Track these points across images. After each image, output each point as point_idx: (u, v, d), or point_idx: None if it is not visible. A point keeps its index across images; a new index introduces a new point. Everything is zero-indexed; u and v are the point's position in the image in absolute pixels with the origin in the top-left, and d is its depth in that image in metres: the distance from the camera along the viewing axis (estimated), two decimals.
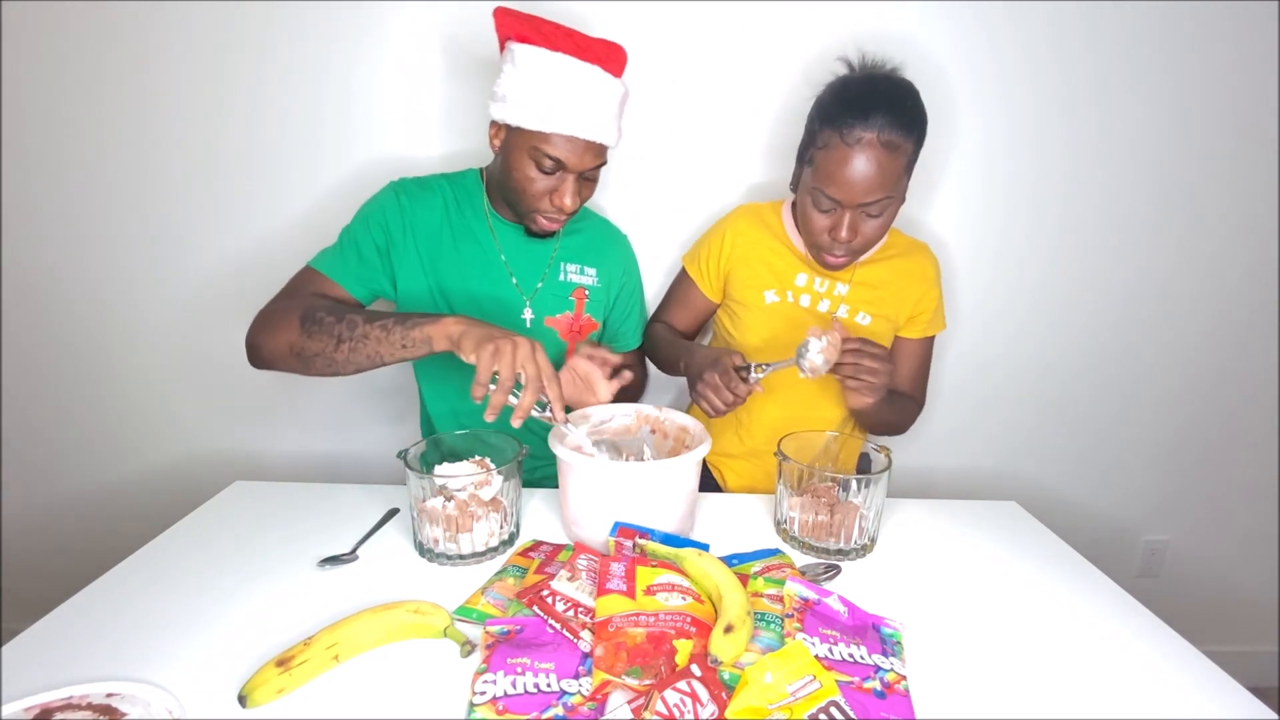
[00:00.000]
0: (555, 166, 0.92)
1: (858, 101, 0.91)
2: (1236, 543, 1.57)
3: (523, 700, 0.56)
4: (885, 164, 0.90)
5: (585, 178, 0.96)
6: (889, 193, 0.92)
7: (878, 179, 0.91)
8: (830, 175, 0.93)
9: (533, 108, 0.89)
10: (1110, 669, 0.67)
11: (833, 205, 0.95)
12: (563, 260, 1.09)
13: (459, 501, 0.78)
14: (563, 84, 0.88)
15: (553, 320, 1.08)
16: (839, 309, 1.09)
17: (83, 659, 0.62)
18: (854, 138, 0.90)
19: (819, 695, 0.56)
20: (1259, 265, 1.38)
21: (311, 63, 1.20)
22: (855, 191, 0.91)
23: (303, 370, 0.89)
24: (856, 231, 0.95)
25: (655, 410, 0.96)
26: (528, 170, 0.93)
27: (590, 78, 0.90)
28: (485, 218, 1.05)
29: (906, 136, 0.91)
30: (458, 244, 1.03)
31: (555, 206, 0.95)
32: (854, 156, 0.90)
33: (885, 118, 0.89)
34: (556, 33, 0.89)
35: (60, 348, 1.33)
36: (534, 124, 0.89)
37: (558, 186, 0.94)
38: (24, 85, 1.19)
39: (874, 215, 0.95)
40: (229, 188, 1.26)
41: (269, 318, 0.91)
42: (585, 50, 0.90)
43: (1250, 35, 1.24)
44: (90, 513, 1.43)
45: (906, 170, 0.94)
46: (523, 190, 0.95)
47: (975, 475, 1.50)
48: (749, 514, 0.95)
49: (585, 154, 0.92)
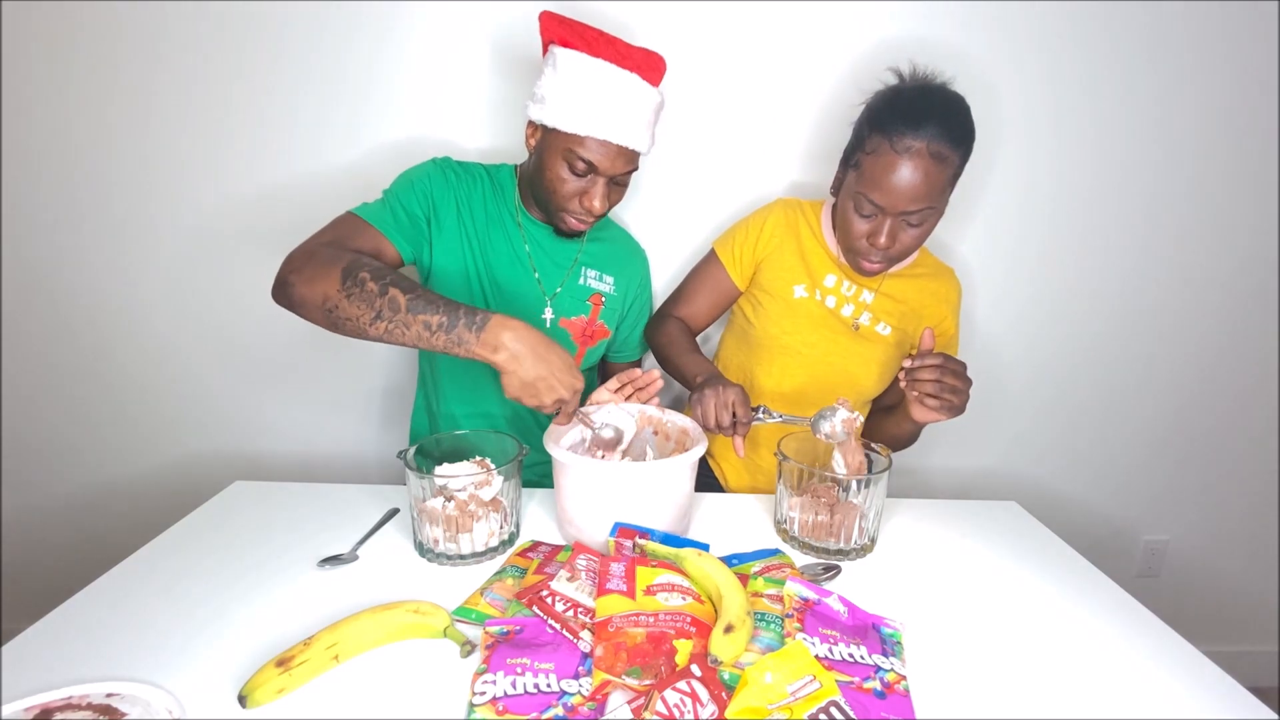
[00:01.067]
0: (587, 169, 0.94)
1: (910, 110, 0.92)
2: (1236, 542, 1.57)
3: (523, 700, 0.56)
4: (932, 174, 0.90)
5: (615, 182, 0.98)
6: (932, 203, 0.93)
7: (923, 188, 0.91)
8: (876, 181, 0.93)
9: (570, 110, 0.90)
10: (1110, 669, 0.67)
11: (875, 211, 0.95)
12: (584, 265, 1.11)
13: (459, 502, 0.78)
14: (600, 89, 0.90)
15: (568, 322, 1.09)
16: (862, 315, 1.09)
17: (83, 659, 0.62)
18: (903, 145, 0.90)
19: (819, 695, 0.56)
20: (1258, 265, 1.38)
21: (321, 62, 1.20)
22: (899, 199, 0.92)
23: (328, 327, 0.83)
24: (895, 239, 0.95)
25: (658, 411, 0.96)
26: (560, 171, 0.95)
27: (627, 85, 0.92)
28: (515, 214, 1.06)
29: (955, 149, 0.91)
30: (491, 229, 1.04)
31: (584, 208, 0.97)
32: (901, 164, 0.90)
33: (937, 128, 0.89)
34: (598, 39, 0.91)
35: (60, 347, 1.33)
36: (570, 126, 0.91)
37: (588, 189, 0.96)
38: (24, 85, 1.19)
39: (914, 225, 0.95)
40: (229, 187, 1.26)
41: (309, 259, 0.84)
42: (625, 58, 0.92)
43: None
44: (90, 513, 1.43)
45: (951, 183, 0.94)
46: (554, 190, 0.96)
47: (975, 475, 1.50)
48: (749, 514, 0.95)
49: (617, 159, 0.94)
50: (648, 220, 1.31)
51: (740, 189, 1.31)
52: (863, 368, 1.10)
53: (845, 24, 1.22)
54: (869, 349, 1.09)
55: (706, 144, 1.28)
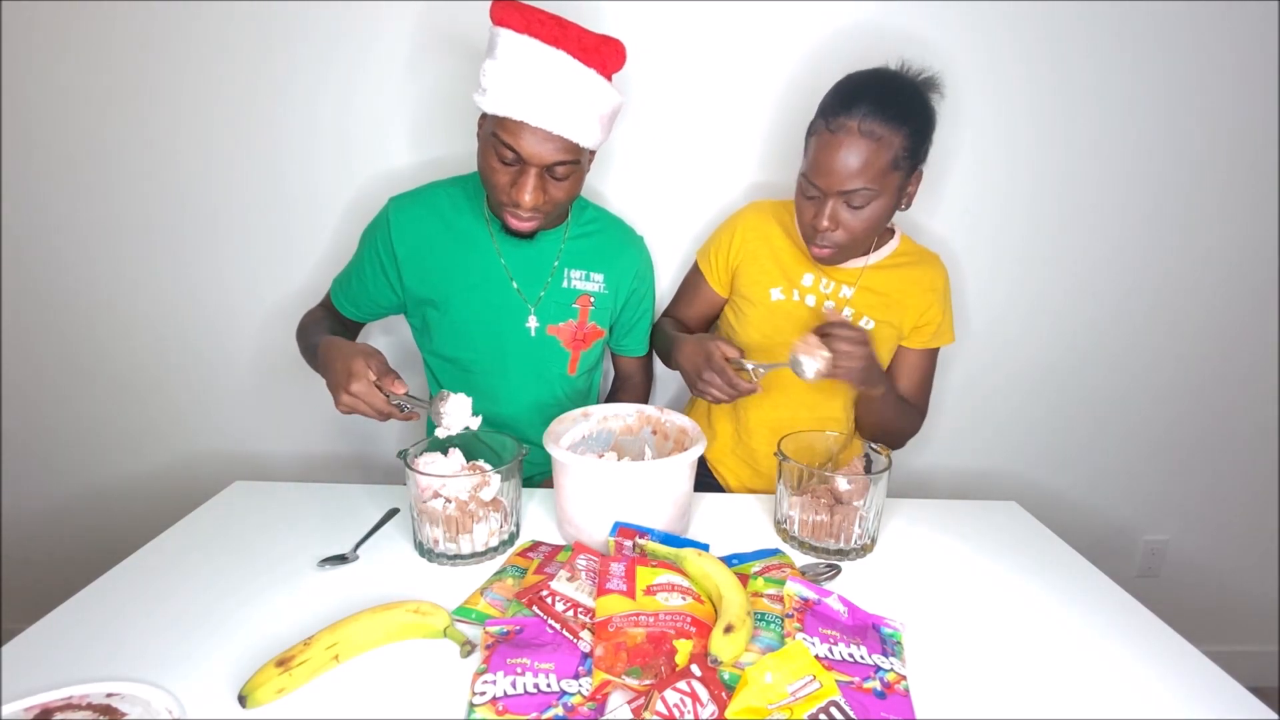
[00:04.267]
0: (515, 157, 0.87)
1: (846, 90, 0.93)
2: (1236, 543, 1.57)
3: (523, 700, 0.56)
4: (866, 153, 0.89)
5: (552, 175, 0.90)
6: (870, 184, 0.91)
7: (856, 167, 0.90)
8: (813, 161, 0.94)
9: (496, 91, 0.84)
10: (1110, 669, 0.67)
11: (817, 193, 0.95)
12: (567, 266, 1.06)
13: (459, 502, 0.78)
14: (527, 68, 0.83)
15: (555, 329, 1.06)
16: (844, 311, 1.08)
17: (83, 659, 0.62)
18: (837, 124, 0.91)
19: (819, 695, 0.56)
20: (1258, 265, 1.38)
21: (314, 63, 1.20)
22: (834, 179, 0.91)
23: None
24: (837, 222, 0.94)
25: (656, 411, 0.96)
26: (490, 160, 0.89)
27: (559, 65, 0.84)
28: (485, 223, 1.03)
29: (892, 129, 0.89)
30: (459, 252, 1.02)
31: (513, 201, 0.90)
32: (834, 143, 0.91)
33: (869, 107, 0.89)
34: (545, 21, 0.84)
35: (60, 347, 1.33)
36: (494, 108, 0.85)
37: (517, 180, 0.89)
38: (24, 85, 1.19)
39: (855, 207, 0.94)
40: (229, 187, 1.26)
41: (298, 328, 1.08)
42: (562, 40, 0.84)
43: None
44: (90, 513, 1.43)
45: (894, 166, 0.92)
46: (488, 183, 0.91)
47: (975, 475, 1.50)
48: (749, 514, 0.95)
49: (545, 145, 0.86)
50: (626, 216, 1.29)
51: (717, 186, 1.30)
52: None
53: (829, 14, 1.21)
54: None
55: (679, 137, 1.26)
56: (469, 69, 1.20)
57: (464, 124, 1.24)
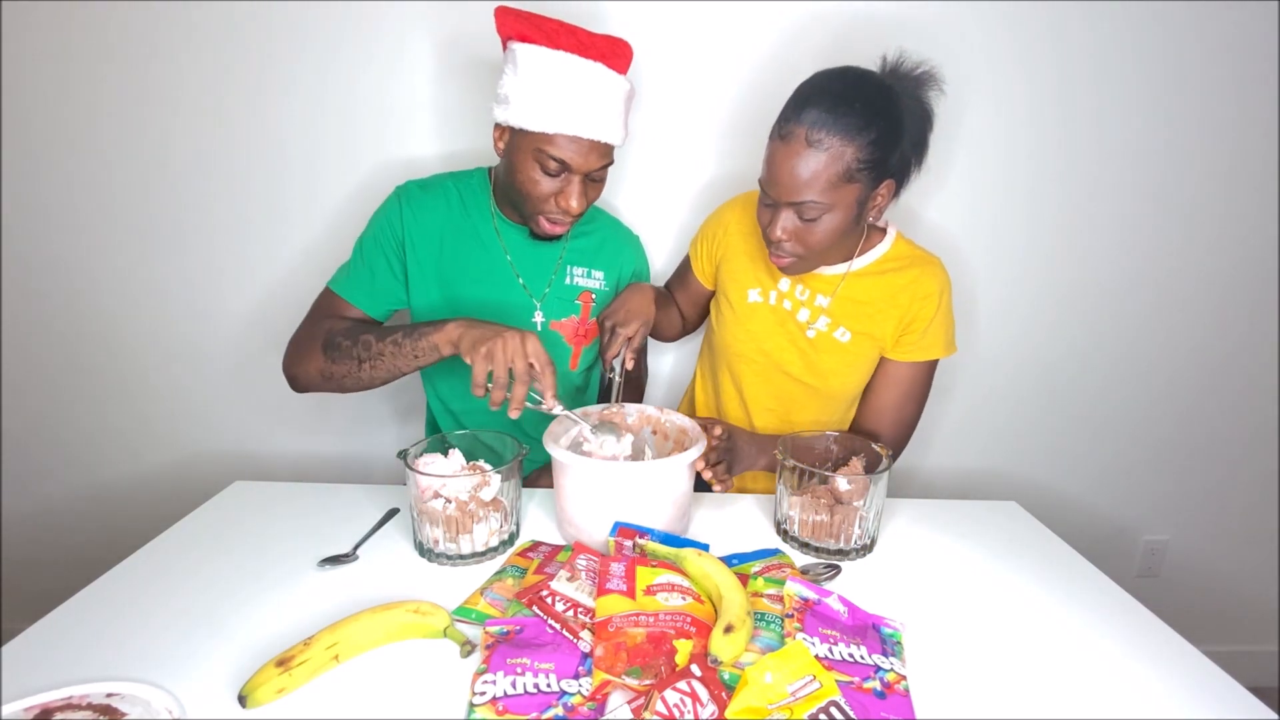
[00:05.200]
0: (560, 168, 0.90)
1: (801, 92, 0.86)
2: (1236, 543, 1.57)
3: (523, 700, 0.56)
4: (813, 164, 0.82)
5: (591, 179, 0.94)
6: (819, 197, 0.83)
7: (804, 178, 0.83)
8: (764, 167, 0.88)
9: (535, 109, 0.87)
10: (1110, 669, 0.67)
11: (770, 201, 0.89)
12: (569, 264, 1.08)
13: (459, 502, 0.78)
14: (565, 83, 0.87)
15: (558, 324, 1.07)
16: (818, 320, 1.01)
17: (83, 659, 0.62)
18: (785, 130, 0.84)
19: (819, 695, 0.56)
20: (1258, 265, 1.38)
21: (316, 61, 1.20)
22: (781, 189, 0.85)
23: (339, 390, 0.94)
24: (787, 232, 0.88)
25: (657, 411, 0.96)
26: (532, 173, 0.91)
27: (593, 76, 0.88)
28: (491, 220, 1.04)
29: (844, 138, 0.81)
30: (465, 248, 1.02)
31: (561, 209, 0.93)
32: (782, 151, 0.84)
33: (817, 114, 0.81)
34: (559, 30, 0.87)
35: (60, 347, 1.33)
36: (537, 125, 0.87)
37: (563, 189, 0.92)
38: (25, 86, 1.19)
39: (808, 219, 0.86)
40: (228, 186, 1.26)
41: (298, 347, 0.96)
42: (588, 48, 0.87)
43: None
44: (90, 513, 1.43)
45: (847, 179, 0.83)
46: (527, 193, 0.93)
47: (975, 475, 1.50)
48: (749, 514, 0.95)
49: (590, 154, 0.90)
50: (625, 214, 1.30)
51: (714, 184, 1.30)
52: (821, 379, 1.02)
53: (829, 13, 1.21)
54: (825, 359, 1.02)
55: (678, 135, 1.27)
56: (468, 68, 1.21)
57: (464, 124, 1.24)
